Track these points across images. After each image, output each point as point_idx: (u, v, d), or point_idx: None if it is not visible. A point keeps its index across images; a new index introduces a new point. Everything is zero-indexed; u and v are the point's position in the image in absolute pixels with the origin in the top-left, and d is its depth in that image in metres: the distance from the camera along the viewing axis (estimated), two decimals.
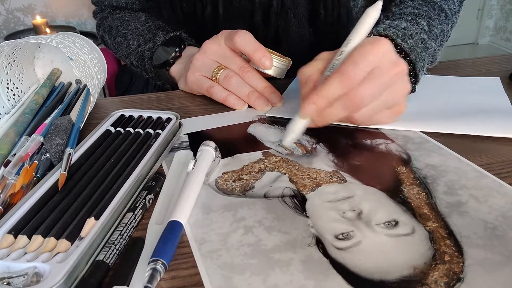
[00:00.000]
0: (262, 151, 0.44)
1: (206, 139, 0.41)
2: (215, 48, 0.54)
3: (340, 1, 0.66)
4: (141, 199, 0.35)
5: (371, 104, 0.42)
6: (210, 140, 0.41)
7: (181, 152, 0.43)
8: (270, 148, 0.44)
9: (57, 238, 0.30)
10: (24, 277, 0.27)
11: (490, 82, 0.60)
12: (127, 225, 0.32)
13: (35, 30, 2.09)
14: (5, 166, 0.38)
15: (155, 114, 0.48)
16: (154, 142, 0.42)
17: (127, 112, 0.49)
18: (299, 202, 0.35)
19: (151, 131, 0.45)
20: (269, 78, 0.55)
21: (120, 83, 2.10)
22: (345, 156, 0.42)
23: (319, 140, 0.45)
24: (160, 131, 0.44)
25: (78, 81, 0.58)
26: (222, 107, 0.54)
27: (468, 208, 0.34)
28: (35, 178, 0.38)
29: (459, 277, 0.28)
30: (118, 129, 0.45)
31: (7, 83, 0.53)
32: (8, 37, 2.22)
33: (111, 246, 0.30)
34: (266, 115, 0.52)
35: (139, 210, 0.34)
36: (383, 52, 0.41)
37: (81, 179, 0.37)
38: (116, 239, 0.30)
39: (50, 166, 0.40)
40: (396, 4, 0.61)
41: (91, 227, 0.31)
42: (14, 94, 0.54)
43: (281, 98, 0.54)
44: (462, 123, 0.47)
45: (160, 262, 0.28)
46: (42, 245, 0.30)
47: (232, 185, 0.38)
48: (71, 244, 0.30)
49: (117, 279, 0.27)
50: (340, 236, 0.31)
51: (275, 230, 0.32)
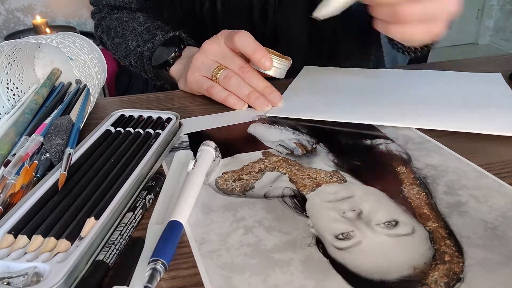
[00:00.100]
0: (262, 151, 0.44)
1: (206, 139, 0.41)
2: (215, 48, 0.54)
3: None
4: (141, 199, 0.35)
5: (410, 8, 0.39)
6: (210, 140, 0.41)
7: (181, 152, 0.43)
8: (270, 148, 0.44)
9: (57, 238, 0.30)
10: (24, 277, 0.27)
11: (492, 78, 0.60)
12: (127, 225, 0.32)
13: (35, 30, 2.09)
14: (5, 166, 0.38)
15: (155, 114, 0.48)
16: (154, 142, 0.42)
17: (127, 112, 0.49)
18: (299, 202, 0.35)
19: (151, 131, 0.45)
20: (269, 78, 0.55)
21: (120, 83, 2.10)
22: (345, 156, 0.42)
23: (319, 140, 0.45)
24: (160, 131, 0.44)
25: (78, 81, 0.58)
26: (222, 107, 0.54)
27: (468, 208, 0.34)
28: (35, 178, 0.38)
29: (459, 277, 0.28)
30: (118, 129, 0.45)
31: (7, 83, 0.53)
32: (8, 37, 2.22)
33: (111, 246, 0.30)
34: (266, 115, 0.52)
35: (139, 210, 0.34)
36: None
37: (81, 179, 0.37)
38: (116, 239, 0.30)
39: (50, 166, 0.40)
40: None
41: (91, 227, 0.31)
42: (14, 94, 0.54)
43: (281, 98, 0.54)
44: (463, 121, 0.47)
45: (160, 262, 0.28)
46: (42, 245, 0.30)
47: (232, 185, 0.38)
48: (71, 244, 0.30)
49: (117, 279, 0.27)
50: (340, 236, 0.31)
51: (275, 230, 0.32)
